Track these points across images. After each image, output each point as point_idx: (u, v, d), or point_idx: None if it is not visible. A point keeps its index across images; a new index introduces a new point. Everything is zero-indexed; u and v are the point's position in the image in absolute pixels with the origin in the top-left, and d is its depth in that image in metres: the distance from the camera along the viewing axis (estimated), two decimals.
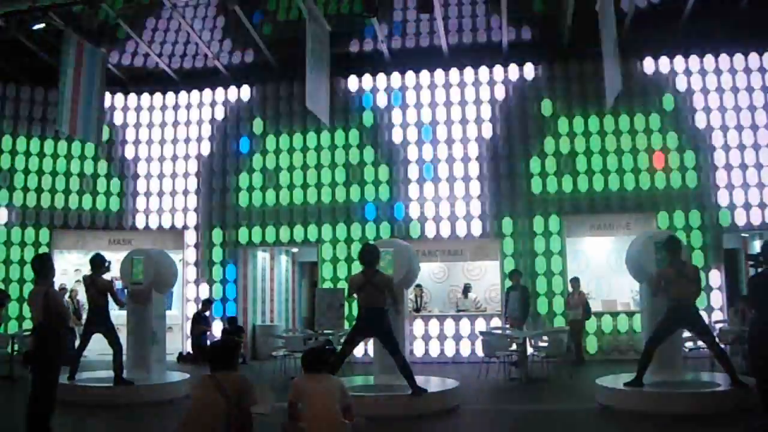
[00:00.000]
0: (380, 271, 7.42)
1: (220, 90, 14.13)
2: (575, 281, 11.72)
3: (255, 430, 4.33)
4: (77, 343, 8.70)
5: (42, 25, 11.52)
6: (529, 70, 13.03)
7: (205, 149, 14.04)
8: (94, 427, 7.26)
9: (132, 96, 14.49)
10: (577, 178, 12.53)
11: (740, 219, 12.06)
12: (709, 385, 7.48)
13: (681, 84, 12.59)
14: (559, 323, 11.97)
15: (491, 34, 13.29)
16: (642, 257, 7.90)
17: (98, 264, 8.46)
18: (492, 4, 12.76)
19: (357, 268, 7.65)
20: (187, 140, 14.17)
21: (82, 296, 12.63)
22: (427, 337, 12.57)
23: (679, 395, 7.01)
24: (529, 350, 9.87)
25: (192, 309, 13.41)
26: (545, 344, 9.92)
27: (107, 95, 12.79)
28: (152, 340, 8.96)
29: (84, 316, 12.33)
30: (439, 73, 13.31)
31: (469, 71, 13.21)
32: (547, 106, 12.84)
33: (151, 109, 14.45)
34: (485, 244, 12.88)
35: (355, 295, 7.39)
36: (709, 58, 12.61)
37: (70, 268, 14.09)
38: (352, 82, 13.56)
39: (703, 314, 10.05)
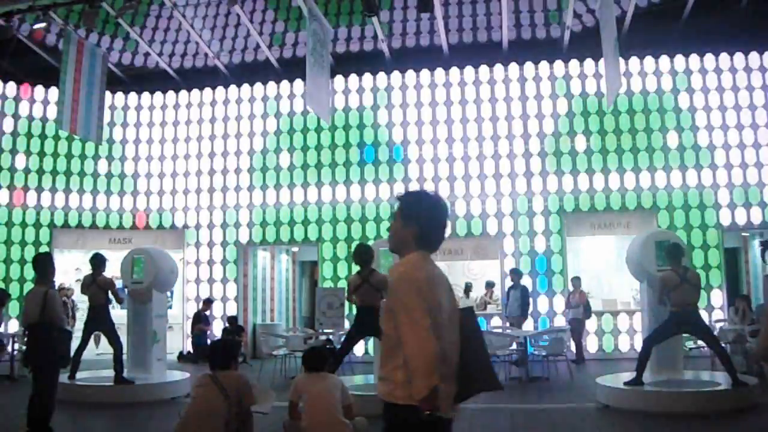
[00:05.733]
0: (376, 270, 7.46)
1: (220, 89, 14.13)
2: (576, 280, 11.71)
3: (255, 429, 4.34)
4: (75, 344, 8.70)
5: (42, 25, 11.51)
6: (530, 69, 13.04)
7: (206, 148, 14.06)
8: (94, 426, 7.26)
9: (132, 95, 14.49)
10: (577, 177, 12.53)
11: (740, 218, 12.08)
12: (710, 384, 7.48)
13: (681, 83, 12.58)
14: (558, 322, 11.97)
15: (491, 33, 13.29)
16: (642, 257, 7.90)
17: (98, 263, 8.50)
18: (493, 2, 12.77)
19: (357, 266, 7.69)
20: (187, 139, 14.17)
21: (75, 296, 12.67)
22: None
23: (680, 394, 7.01)
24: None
25: (192, 308, 13.44)
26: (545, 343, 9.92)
27: (107, 94, 12.78)
28: (152, 339, 8.96)
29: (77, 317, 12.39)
30: (439, 72, 13.30)
31: (469, 70, 13.21)
32: (548, 106, 12.83)
33: (151, 108, 14.45)
34: (485, 243, 12.89)
35: (354, 296, 7.44)
36: (709, 57, 12.60)
37: (70, 267, 14.08)
38: (352, 82, 13.56)
39: (704, 313, 10.07)
